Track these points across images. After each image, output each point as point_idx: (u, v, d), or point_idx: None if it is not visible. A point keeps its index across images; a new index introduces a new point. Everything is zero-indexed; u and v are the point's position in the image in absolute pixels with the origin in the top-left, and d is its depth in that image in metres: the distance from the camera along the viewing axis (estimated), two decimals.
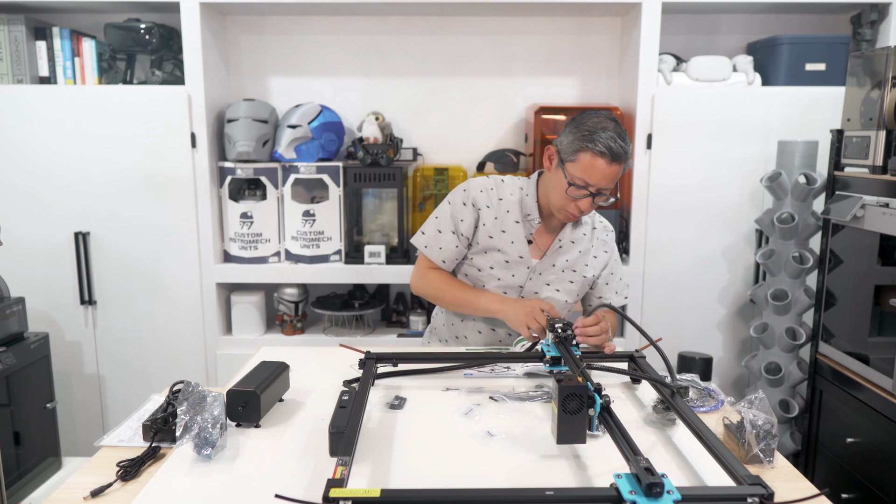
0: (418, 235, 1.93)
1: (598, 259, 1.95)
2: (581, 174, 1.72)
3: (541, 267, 1.89)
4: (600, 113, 1.75)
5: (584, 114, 1.76)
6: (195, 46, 2.70)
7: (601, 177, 1.71)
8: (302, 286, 2.97)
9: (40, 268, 2.80)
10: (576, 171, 1.72)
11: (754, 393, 1.32)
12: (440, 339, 2.05)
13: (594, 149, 1.68)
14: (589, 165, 1.70)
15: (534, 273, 1.89)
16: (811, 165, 2.56)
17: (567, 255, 1.91)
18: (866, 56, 2.23)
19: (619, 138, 1.69)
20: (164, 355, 2.88)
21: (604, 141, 1.67)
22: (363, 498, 1.00)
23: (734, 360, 2.90)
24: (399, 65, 3.06)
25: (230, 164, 2.81)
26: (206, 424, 1.26)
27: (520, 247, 1.87)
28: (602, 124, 1.70)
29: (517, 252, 1.87)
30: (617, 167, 1.71)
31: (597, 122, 1.71)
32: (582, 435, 1.18)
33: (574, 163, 1.72)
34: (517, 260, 1.88)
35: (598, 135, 1.68)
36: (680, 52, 2.96)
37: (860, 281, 2.22)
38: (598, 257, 1.95)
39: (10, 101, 2.70)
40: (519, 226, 1.87)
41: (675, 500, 0.99)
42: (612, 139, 1.68)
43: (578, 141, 1.71)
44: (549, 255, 1.89)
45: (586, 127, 1.71)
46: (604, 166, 1.70)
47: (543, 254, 1.90)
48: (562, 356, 1.54)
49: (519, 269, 1.88)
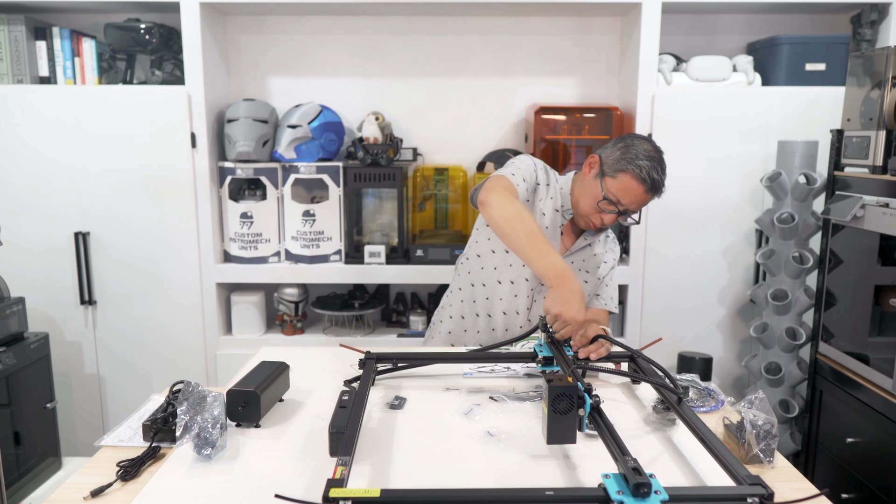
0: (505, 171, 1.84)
1: (607, 264, 2.00)
2: (617, 192, 1.76)
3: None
4: (649, 141, 1.81)
5: (637, 137, 1.81)
6: (195, 46, 2.70)
7: (634, 200, 1.77)
8: (302, 286, 2.97)
9: (40, 268, 2.80)
10: (613, 187, 1.77)
11: (754, 393, 1.32)
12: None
13: (638, 174, 1.74)
14: (627, 186, 1.75)
15: None
16: (811, 165, 2.56)
17: (585, 256, 1.95)
18: (866, 56, 2.23)
19: (661, 171, 1.76)
20: (164, 355, 2.88)
21: (647, 168, 1.73)
22: (363, 498, 1.00)
23: (734, 360, 2.90)
24: (399, 65, 3.06)
25: (230, 164, 2.81)
26: (206, 424, 1.26)
27: (551, 233, 1.89)
28: (651, 153, 1.76)
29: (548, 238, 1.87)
30: (650, 196, 1.78)
31: (647, 149, 1.77)
32: (572, 435, 1.18)
33: (614, 179, 1.77)
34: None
35: (643, 161, 1.74)
36: (680, 52, 2.96)
37: (860, 281, 2.22)
38: (607, 262, 2.00)
39: (10, 101, 2.70)
40: (558, 214, 1.90)
41: (662, 500, 0.99)
42: (654, 169, 1.74)
43: (626, 161, 1.75)
44: (571, 252, 1.93)
45: (634, 150, 1.76)
46: (640, 192, 1.75)
47: (567, 250, 1.93)
48: (553, 356, 1.54)
49: None
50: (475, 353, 1.76)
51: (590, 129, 2.80)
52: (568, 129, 2.80)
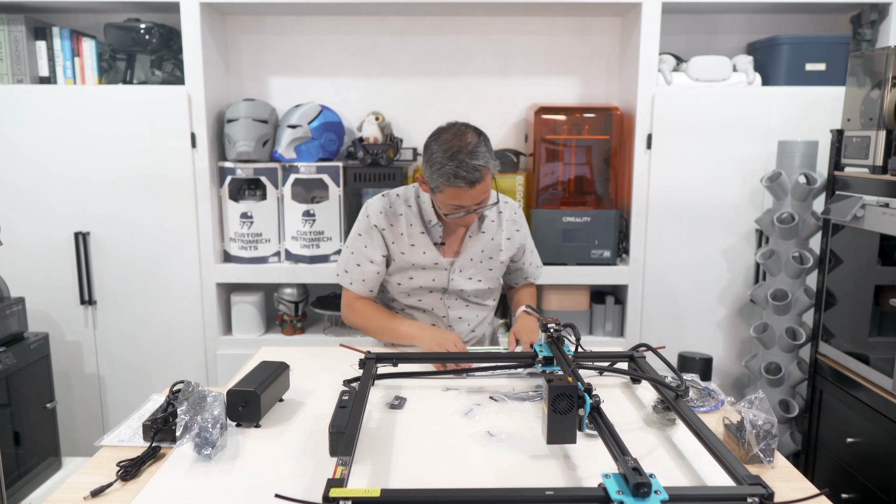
0: (341, 274, 1.97)
1: (511, 241, 2.01)
2: (451, 201, 1.77)
3: (458, 264, 1.94)
4: (449, 130, 1.77)
5: (437, 138, 1.77)
6: (195, 46, 2.70)
7: (470, 199, 1.76)
8: (302, 286, 2.97)
9: (40, 268, 2.80)
10: (445, 199, 1.78)
11: (754, 393, 1.33)
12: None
13: (453, 184, 1.72)
14: (455, 195, 1.75)
15: (454, 272, 1.94)
16: (811, 165, 2.56)
17: (480, 245, 1.96)
18: (866, 56, 2.23)
19: (470, 158, 1.70)
20: (164, 355, 2.88)
21: (455, 172, 1.70)
22: (363, 498, 1.00)
23: (734, 360, 2.90)
24: (399, 65, 3.06)
25: (230, 164, 2.81)
26: (206, 424, 1.26)
27: (432, 255, 1.92)
28: (453, 147, 1.71)
29: (430, 259, 1.92)
30: (481, 185, 1.74)
31: (446, 148, 1.72)
32: (572, 435, 1.18)
33: (442, 194, 1.77)
34: (432, 266, 1.93)
35: (450, 165, 1.70)
36: (680, 52, 2.96)
37: (860, 281, 2.22)
38: (511, 238, 2.00)
39: (10, 101, 2.70)
40: (425, 235, 1.92)
41: (662, 499, 0.99)
42: (462, 165, 1.69)
43: (436, 175, 1.74)
44: (462, 251, 1.94)
45: (437, 160, 1.73)
46: (467, 192, 1.74)
47: (456, 251, 1.94)
48: (553, 356, 1.54)
49: (438, 273, 1.93)
50: (475, 353, 1.76)
51: (590, 129, 2.80)
52: (568, 129, 2.80)
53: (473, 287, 1.97)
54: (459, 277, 1.95)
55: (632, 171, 2.76)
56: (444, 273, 1.94)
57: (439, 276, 1.94)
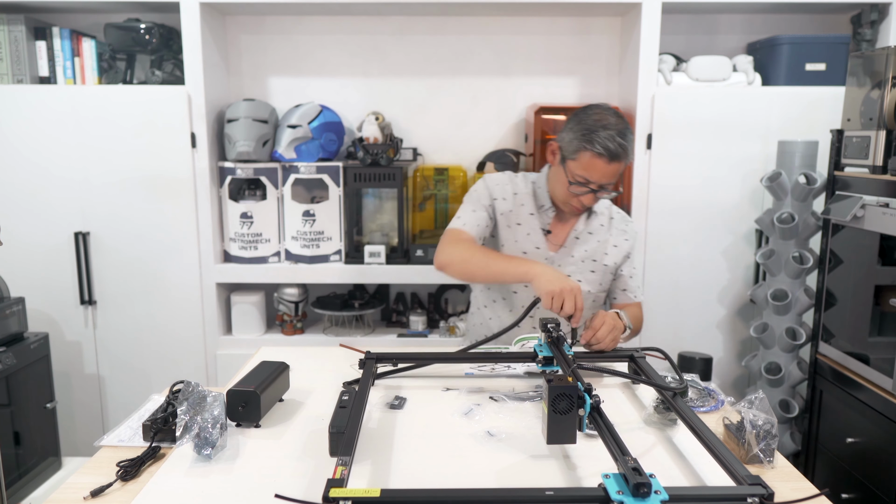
0: (453, 221, 1.89)
1: (618, 248, 1.95)
2: (581, 172, 1.74)
3: (559, 259, 1.90)
4: (601, 108, 1.76)
5: (586, 110, 1.77)
6: (195, 46, 2.70)
7: (601, 175, 1.73)
8: (302, 286, 2.97)
9: (40, 268, 2.80)
10: (576, 169, 1.75)
11: (754, 393, 1.32)
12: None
13: (593, 149, 1.70)
14: (588, 164, 1.72)
15: (552, 264, 1.89)
16: (811, 165, 2.56)
17: (585, 246, 1.92)
18: (866, 56, 2.23)
19: (618, 136, 1.70)
20: (164, 355, 2.88)
21: (601, 141, 1.69)
22: (363, 498, 1.00)
23: (734, 360, 2.90)
24: (399, 65, 3.06)
25: (230, 164, 2.81)
26: (206, 424, 1.26)
27: (536, 238, 1.88)
28: (603, 121, 1.71)
29: (533, 243, 1.88)
30: (617, 165, 1.73)
31: (597, 119, 1.72)
32: (572, 435, 1.18)
33: (575, 161, 1.74)
34: (534, 251, 1.88)
35: (598, 134, 1.69)
36: (680, 52, 2.96)
37: (860, 281, 2.22)
38: (618, 246, 1.95)
39: (10, 101, 2.70)
40: (534, 217, 1.89)
41: (662, 500, 0.99)
42: (610, 138, 1.69)
43: (578, 140, 1.73)
44: (566, 246, 1.90)
45: (586, 125, 1.72)
46: (603, 165, 1.72)
47: (560, 246, 1.91)
48: (554, 356, 1.54)
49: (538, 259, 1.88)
50: (475, 353, 1.76)
51: None
52: None
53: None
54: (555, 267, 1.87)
55: (632, 171, 2.76)
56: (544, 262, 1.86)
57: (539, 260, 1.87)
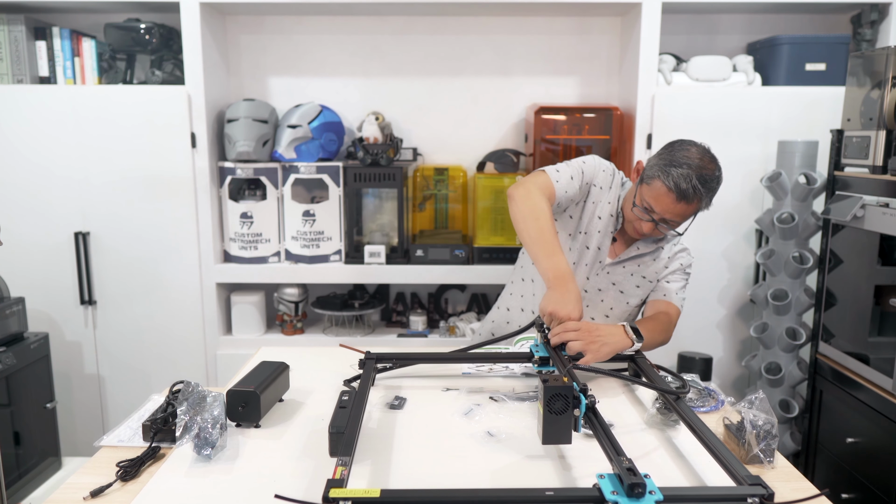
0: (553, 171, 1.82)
1: (668, 269, 1.90)
2: (648, 199, 1.72)
3: (610, 266, 1.88)
4: (696, 146, 1.73)
5: (682, 143, 1.74)
6: (195, 46, 2.70)
7: (665, 209, 1.71)
8: (302, 286, 2.97)
9: (40, 268, 2.80)
10: (646, 193, 1.73)
11: (754, 393, 1.32)
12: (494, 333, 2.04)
13: (665, 182, 1.68)
14: (657, 194, 1.70)
15: (601, 269, 1.88)
16: (811, 165, 2.56)
17: (640, 262, 1.88)
18: (866, 56, 2.23)
19: (697, 178, 1.66)
20: (164, 355, 2.88)
21: (676, 177, 1.66)
22: (363, 498, 1.00)
23: (734, 360, 2.90)
24: (399, 65, 3.06)
25: (230, 164, 2.81)
26: (206, 424, 1.26)
27: (600, 236, 1.86)
28: (689, 159, 1.68)
29: (597, 243, 1.86)
30: (685, 206, 1.69)
31: (684, 155, 1.69)
32: (567, 435, 1.18)
33: (647, 186, 1.73)
34: (595, 251, 1.87)
35: (676, 169, 1.66)
36: (680, 52, 2.95)
37: (860, 281, 2.22)
38: (668, 268, 1.90)
39: (10, 101, 2.70)
40: (612, 219, 1.87)
41: (657, 500, 0.99)
42: (687, 177, 1.65)
43: (658, 167, 1.71)
44: (623, 257, 1.87)
45: (671, 157, 1.70)
46: (670, 200, 1.69)
47: (618, 256, 1.88)
48: (550, 357, 1.54)
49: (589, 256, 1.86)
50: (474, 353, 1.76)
51: (590, 129, 2.80)
52: (568, 129, 2.80)
53: (614, 294, 1.89)
54: (605, 277, 1.87)
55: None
56: (593, 260, 1.86)
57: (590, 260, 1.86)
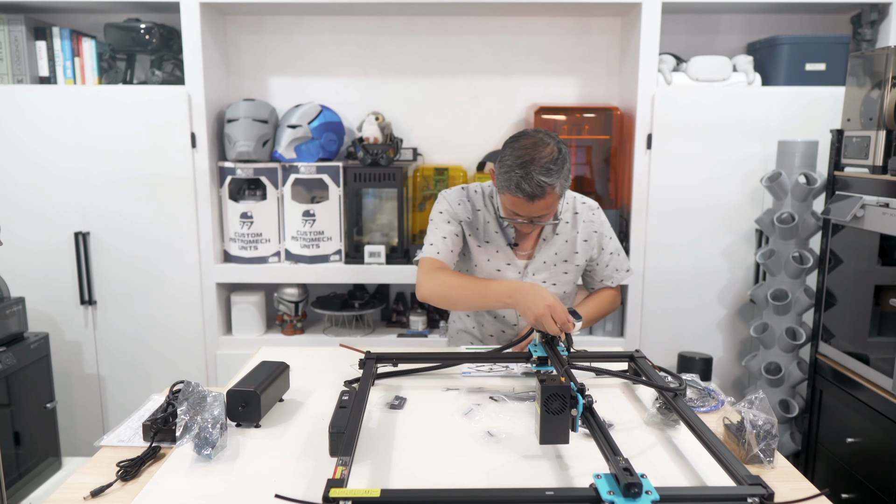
0: (425, 248, 1.86)
1: (588, 242, 1.92)
2: (509, 206, 1.73)
3: (532, 267, 1.89)
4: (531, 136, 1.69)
5: (516, 140, 1.71)
6: (195, 46, 2.70)
7: (527, 211, 1.70)
8: (302, 286, 2.97)
9: (40, 268, 2.80)
10: (505, 202, 1.74)
11: (754, 393, 1.32)
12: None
13: (511, 191, 1.67)
14: (512, 202, 1.70)
15: (527, 276, 1.89)
16: (811, 165, 2.56)
17: (554, 248, 1.90)
18: (866, 56, 2.23)
19: (540, 173, 1.62)
20: (164, 355, 2.88)
21: (517, 182, 1.63)
22: (363, 498, 1.00)
23: (734, 360, 2.90)
24: (399, 65, 3.06)
25: (230, 164, 2.81)
26: (206, 424, 1.26)
27: (505, 255, 1.88)
28: (522, 158, 1.64)
29: (504, 259, 1.88)
30: (542, 201, 1.66)
31: (518, 155, 1.65)
32: (565, 435, 1.18)
33: (502, 195, 1.73)
34: (506, 267, 1.89)
35: (516, 174, 1.64)
36: (680, 52, 2.96)
37: (860, 281, 2.22)
38: (588, 240, 1.92)
39: (10, 101, 2.70)
40: (499, 235, 1.88)
41: (653, 500, 0.99)
42: (527, 178, 1.62)
43: (501, 176, 1.70)
44: (536, 254, 1.89)
45: (508, 163, 1.67)
46: (526, 204, 1.67)
47: (530, 254, 1.90)
48: (548, 356, 1.54)
49: (511, 274, 1.89)
50: (474, 353, 1.76)
51: (590, 129, 2.81)
52: (568, 129, 2.80)
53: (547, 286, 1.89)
54: (533, 281, 1.88)
55: (632, 171, 2.76)
56: (518, 276, 1.88)
57: (513, 277, 1.87)
